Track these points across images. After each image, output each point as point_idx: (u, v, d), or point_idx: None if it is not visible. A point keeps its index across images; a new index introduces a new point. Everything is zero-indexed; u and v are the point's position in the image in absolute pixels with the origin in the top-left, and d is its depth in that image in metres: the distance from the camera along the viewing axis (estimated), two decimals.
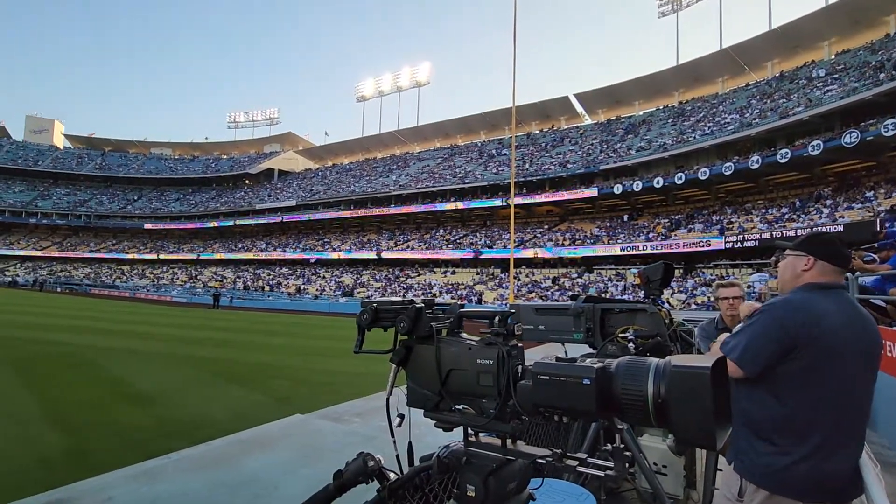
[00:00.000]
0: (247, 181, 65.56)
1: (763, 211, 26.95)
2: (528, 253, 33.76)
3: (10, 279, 52.56)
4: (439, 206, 41.86)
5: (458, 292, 32.86)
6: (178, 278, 52.71)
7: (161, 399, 7.49)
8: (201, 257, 55.34)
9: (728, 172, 26.68)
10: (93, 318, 20.87)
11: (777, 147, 25.80)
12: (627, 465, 0.81)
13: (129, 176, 68.28)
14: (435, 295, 32.20)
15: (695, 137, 31.68)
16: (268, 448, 1.82)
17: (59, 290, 47.11)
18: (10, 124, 73.82)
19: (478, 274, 36.10)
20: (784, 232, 22.66)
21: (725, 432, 0.70)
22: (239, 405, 7.24)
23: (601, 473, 0.82)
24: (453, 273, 37.92)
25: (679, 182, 29.00)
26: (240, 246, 55.05)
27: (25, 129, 73.69)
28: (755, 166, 25.61)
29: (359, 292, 37.88)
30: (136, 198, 66.21)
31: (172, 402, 7.30)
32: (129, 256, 58.71)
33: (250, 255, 52.00)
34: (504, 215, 38.74)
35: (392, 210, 44.95)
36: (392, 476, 1.03)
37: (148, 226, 60.55)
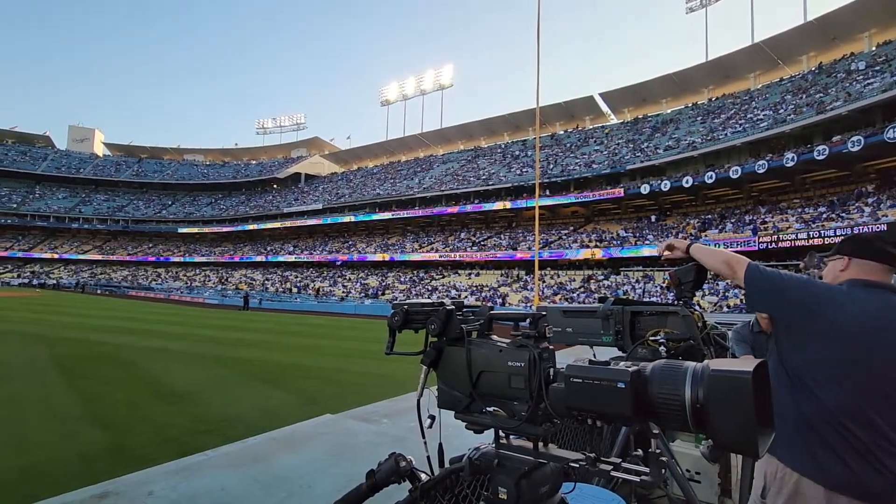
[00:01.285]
0: (275, 185, 67.08)
1: (799, 210, 25.95)
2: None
3: (54, 281, 55.20)
4: (463, 208, 41.88)
5: (483, 294, 32.77)
6: (210, 280, 54.27)
7: (194, 397, 7.72)
8: (231, 260, 56.85)
9: (761, 171, 25.80)
10: (130, 318, 21.70)
11: (814, 144, 24.81)
12: (664, 471, 0.80)
13: (163, 182, 70.87)
14: (458, 297, 32.20)
15: (726, 135, 30.78)
16: (300, 447, 1.86)
17: (99, 291, 49.17)
18: (54, 134, 77.55)
19: (502, 276, 35.93)
20: (822, 232, 21.75)
21: (768, 439, 0.68)
22: (268, 404, 7.41)
23: (637, 479, 0.80)
24: (478, 275, 37.84)
25: (709, 181, 28.20)
26: (268, 249, 56.30)
27: (68, 138, 77.29)
28: (790, 164, 24.68)
29: (384, 294, 38.20)
30: (170, 203, 68.62)
31: (205, 401, 7.52)
32: (164, 259, 60.82)
33: (279, 258, 53.11)
34: (528, 217, 38.43)
35: (416, 212, 45.20)
36: (423, 477, 1.04)
37: (181, 230, 62.59)
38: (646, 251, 29.07)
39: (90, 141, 77.30)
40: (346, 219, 50.12)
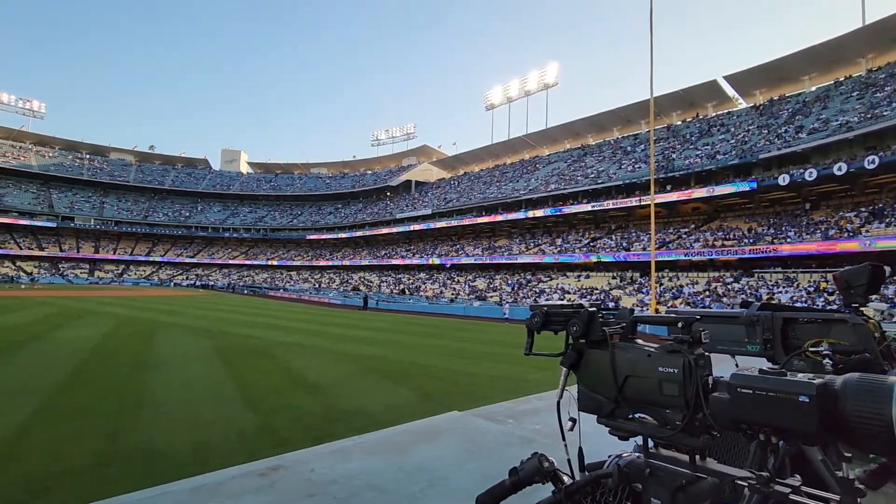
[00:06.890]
0: (388, 193, 71.61)
1: None
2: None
3: (212, 283, 65.02)
4: (570, 209, 40.50)
5: (593, 297, 31.32)
6: (333, 282, 59.39)
7: (325, 389, 8.50)
8: (351, 263, 61.66)
9: None
10: (270, 315, 24.59)
11: None
12: (859, 499, 0.71)
13: (294, 194, 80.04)
14: (563, 299, 31.15)
15: (893, 111, 25.72)
16: (434, 440, 1.97)
17: (245, 292, 56.62)
18: (210, 156, 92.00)
19: (614, 278, 34.00)
20: None
21: None
22: (389, 399, 7.87)
23: None
24: (587, 277, 36.29)
25: (870, 167, 23.73)
26: (383, 252, 60.02)
27: (221, 159, 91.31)
28: None
29: (491, 296, 38.39)
30: (299, 213, 76.97)
31: (334, 392, 8.24)
32: (295, 263, 68.35)
33: (392, 261, 56.32)
34: (642, 215, 35.92)
35: (522, 214, 44.78)
36: (566, 479, 1.03)
37: (309, 236, 70.05)
38: (786, 249, 25.48)
39: (237, 161, 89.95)
40: (454, 222, 51.44)
